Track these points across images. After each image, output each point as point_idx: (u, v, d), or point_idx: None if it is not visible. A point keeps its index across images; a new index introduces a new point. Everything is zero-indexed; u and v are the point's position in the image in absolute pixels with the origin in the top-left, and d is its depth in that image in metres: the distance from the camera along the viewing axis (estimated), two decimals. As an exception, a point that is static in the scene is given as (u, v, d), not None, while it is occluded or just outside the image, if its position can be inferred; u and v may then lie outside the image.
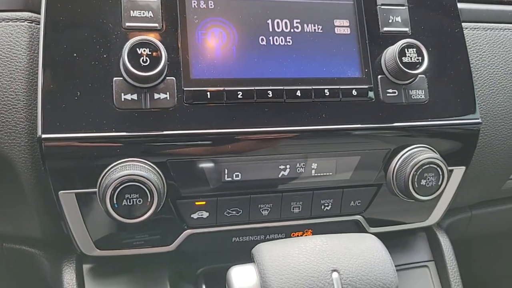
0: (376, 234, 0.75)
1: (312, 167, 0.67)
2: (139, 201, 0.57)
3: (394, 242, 0.79)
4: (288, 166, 0.66)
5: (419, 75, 0.68)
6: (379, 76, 0.67)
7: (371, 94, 0.66)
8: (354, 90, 0.65)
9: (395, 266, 0.77)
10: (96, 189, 0.58)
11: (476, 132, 0.71)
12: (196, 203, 0.64)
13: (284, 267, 0.50)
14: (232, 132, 0.61)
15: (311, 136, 0.64)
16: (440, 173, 0.66)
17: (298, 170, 0.66)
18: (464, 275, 0.82)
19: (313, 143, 0.65)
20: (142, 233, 0.65)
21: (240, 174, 0.65)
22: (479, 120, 0.70)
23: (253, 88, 0.62)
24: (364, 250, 0.52)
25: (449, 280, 0.76)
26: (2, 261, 0.71)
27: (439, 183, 0.67)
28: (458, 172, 0.72)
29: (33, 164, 0.59)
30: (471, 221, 0.88)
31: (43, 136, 0.56)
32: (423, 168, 0.66)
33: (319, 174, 0.67)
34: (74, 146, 0.57)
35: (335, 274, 0.50)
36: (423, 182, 0.67)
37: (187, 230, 0.66)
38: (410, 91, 0.68)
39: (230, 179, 0.64)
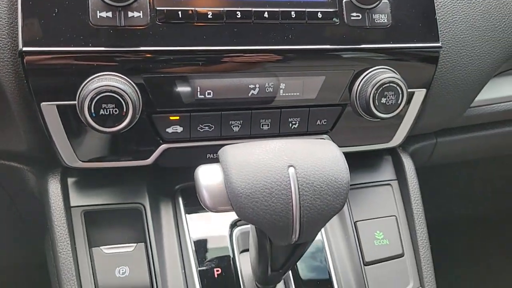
0: (343, 154, 0.82)
1: (280, 87, 0.71)
2: (115, 111, 0.62)
3: (362, 163, 0.85)
4: (257, 86, 0.70)
5: (383, 0, 0.71)
6: (344, 0, 0.70)
7: (335, 17, 0.70)
8: (319, 13, 0.69)
9: (362, 184, 0.84)
10: (76, 101, 0.62)
11: (436, 56, 0.75)
12: (171, 117, 0.69)
13: (245, 163, 0.54)
14: (202, 50, 0.66)
15: (277, 54, 0.68)
16: (400, 92, 0.71)
17: (267, 89, 0.71)
18: (426, 197, 0.89)
19: (280, 63, 0.69)
20: (121, 147, 0.70)
21: (212, 92, 0.69)
22: (439, 45, 0.75)
23: (222, 9, 0.66)
24: (320, 149, 0.56)
25: (410, 197, 0.82)
26: None
27: (399, 102, 0.72)
28: (419, 94, 0.77)
29: (16, 78, 0.63)
30: (436, 148, 0.93)
31: (24, 49, 0.60)
32: (383, 87, 0.71)
33: (286, 94, 0.72)
34: (53, 59, 0.61)
35: (291, 169, 0.54)
36: (383, 100, 0.71)
37: (163, 145, 0.71)
38: (373, 15, 0.72)
39: (202, 96, 0.69)
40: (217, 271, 0.69)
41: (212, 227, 0.73)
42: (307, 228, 0.54)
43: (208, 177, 0.57)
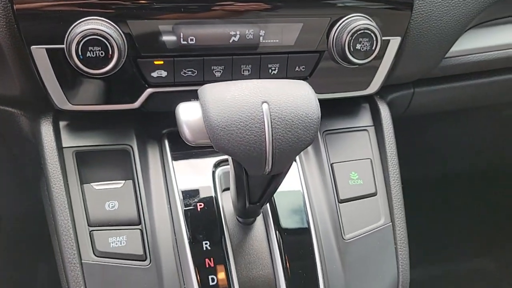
0: (322, 100, 0.86)
1: (260, 34, 0.75)
2: (101, 53, 0.66)
3: (341, 109, 0.89)
4: (238, 33, 0.74)
5: None
6: None
7: None
8: None
9: (340, 129, 0.89)
10: (64, 45, 0.66)
11: (410, 4, 0.79)
12: (155, 62, 0.73)
13: (222, 99, 0.58)
14: None
15: (257, 2, 0.71)
16: (374, 38, 0.75)
17: (247, 36, 0.74)
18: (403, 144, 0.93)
19: (259, 10, 0.72)
20: (110, 90, 0.74)
21: (194, 39, 0.73)
22: None
23: None
24: (293, 88, 0.60)
25: (384, 141, 0.86)
26: None
27: (373, 48, 0.75)
28: (394, 42, 0.81)
29: (7, 24, 0.67)
30: (414, 98, 0.97)
31: None
32: (358, 33, 0.74)
33: (266, 41, 0.75)
34: (41, 4, 0.64)
35: (265, 105, 0.58)
36: (358, 46, 0.75)
37: (149, 89, 0.75)
38: None
39: (185, 42, 0.72)
40: (200, 205, 0.75)
41: (197, 167, 0.78)
42: (279, 159, 0.58)
43: (188, 113, 0.61)
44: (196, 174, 0.77)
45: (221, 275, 0.70)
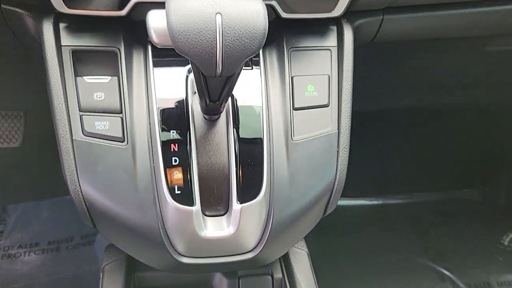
0: (292, 22, 0.95)
1: None
2: None
3: (309, 30, 0.99)
4: None
5: None
6: None
7: None
8: None
9: (305, 47, 0.99)
10: None
11: None
12: None
13: (182, 9, 0.68)
14: None
15: None
16: None
17: None
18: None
19: None
20: None
21: None
22: None
23: None
24: (246, 2, 0.70)
25: (343, 60, 0.96)
26: (3, 18, 0.94)
27: None
28: None
29: None
30: (382, 24, 1.05)
31: None
32: None
33: None
34: None
35: (218, 16, 0.69)
36: None
37: None
38: None
39: None
40: (172, 101, 0.88)
41: (173, 70, 0.91)
42: (228, 63, 0.69)
43: (155, 20, 0.74)
44: (172, 77, 0.90)
45: (183, 158, 0.85)
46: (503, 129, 2.09)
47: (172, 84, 0.91)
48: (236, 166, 0.86)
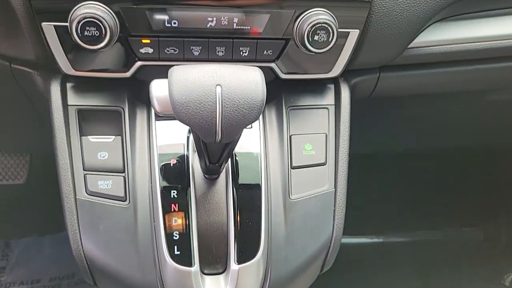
0: (291, 82, 0.99)
1: (234, 21, 0.88)
2: (96, 33, 0.81)
3: (308, 89, 1.02)
4: (214, 19, 0.87)
5: None
6: None
7: None
8: None
9: (304, 105, 1.02)
10: (67, 23, 0.82)
11: (368, 3, 0.89)
12: (143, 40, 0.87)
13: (184, 80, 0.71)
14: None
15: None
16: (331, 32, 0.87)
17: (222, 22, 0.88)
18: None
19: (232, 1, 0.85)
20: (107, 61, 0.90)
21: (177, 22, 0.87)
22: None
23: None
24: (245, 74, 0.72)
25: (340, 119, 0.99)
26: (13, 77, 0.98)
27: (329, 40, 0.87)
28: (353, 33, 0.92)
29: (23, 2, 0.82)
30: (379, 82, 1.09)
31: None
32: (316, 26, 0.86)
33: (238, 27, 0.88)
34: None
35: (218, 87, 0.72)
36: (316, 37, 0.87)
37: (138, 62, 0.90)
38: None
39: (169, 25, 0.86)
40: (173, 161, 0.91)
41: (175, 131, 0.94)
42: (227, 132, 0.72)
43: (158, 89, 0.77)
44: (174, 136, 0.93)
45: (183, 218, 0.87)
46: (502, 169, 2.10)
47: (174, 143, 0.94)
48: (235, 226, 0.88)
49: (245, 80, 0.72)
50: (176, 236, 0.86)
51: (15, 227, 2.06)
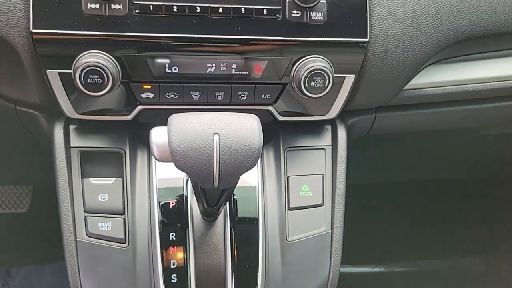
0: (288, 123, 1.01)
1: (232, 67, 0.90)
2: (99, 80, 0.83)
3: (306, 130, 1.04)
4: (213, 65, 0.90)
5: (320, 1, 0.87)
6: (287, 0, 0.87)
7: (278, 14, 0.87)
8: (265, 10, 0.87)
9: (301, 147, 1.04)
10: (71, 71, 0.84)
11: (363, 48, 0.92)
12: (144, 86, 0.90)
13: (183, 129, 0.73)
14: (168, 36, 0.85)
15: (229, 43, 0.87)
16: (326, 78, 0.89)
17: (221, 68, 0.90)
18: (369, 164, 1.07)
19: (231, 48, 0.88)
20: (109, 105, 0.92)
21: (177, 68, 0.89)
22: (367, 40, 0.91)
23: (185, 4, 0.84)
24: (242, 122, 0.75)
25: (337, 160, 1.01)
26: (18, 118, 1.00)
27: (325, 85, 0.90)
28: (349, 78, 0.94)
29: (29, 49, 0.85)
30: (376, 121, 1.11)
31: (33, 30, 0.82)
32: (312, 73, 0.88)
33: (237, 73, 0.91)
34: (54, 38, 0.82)
35: (216, 136, 0.73)
36: (312, 83, 0.90)
37: (140, 106, 0.92)
38: (311, 13, 0.88)
39: (169, 71, 0.89)
40: (172, 204, 0.93)
41: (174, 172, 0.95)
42: (224, 178, 0.74)
43: (157, 137, 0.79)
44: (173, 179, 0.95)
45: (181, 260, 0.89)
46: (503, 200, 2.11)
47: (173, 185, 0.95)
48: (232, 268, 0.90)
49: (242, 128, 0.74)
50: (174, 279, 0.87)
51: (16, 255, 2.07)
